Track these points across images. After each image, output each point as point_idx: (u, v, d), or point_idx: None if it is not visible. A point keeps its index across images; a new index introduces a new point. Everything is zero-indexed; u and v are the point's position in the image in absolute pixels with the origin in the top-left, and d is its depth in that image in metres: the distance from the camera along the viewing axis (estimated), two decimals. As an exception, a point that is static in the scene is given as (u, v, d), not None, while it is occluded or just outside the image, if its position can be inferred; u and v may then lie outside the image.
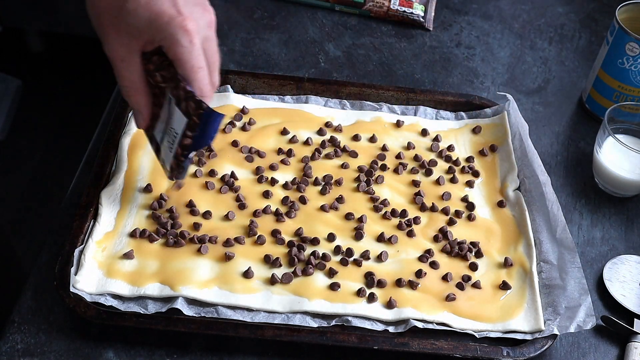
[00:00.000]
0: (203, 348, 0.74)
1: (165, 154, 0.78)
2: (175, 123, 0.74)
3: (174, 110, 0.74)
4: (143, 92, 0.76)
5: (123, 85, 0.76)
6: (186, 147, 0.75)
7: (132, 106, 0.78)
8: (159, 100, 0.76)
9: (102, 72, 2.06)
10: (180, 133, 0.74)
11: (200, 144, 0.75)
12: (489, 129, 0.96)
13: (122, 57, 0.74)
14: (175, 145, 0.76)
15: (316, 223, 0.84)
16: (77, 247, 0.77)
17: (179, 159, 0.76)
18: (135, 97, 0.76)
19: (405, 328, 0.75)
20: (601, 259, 0.86)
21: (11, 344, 0.72)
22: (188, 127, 0.73)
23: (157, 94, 0.76)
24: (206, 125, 0.72)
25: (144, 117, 0.78)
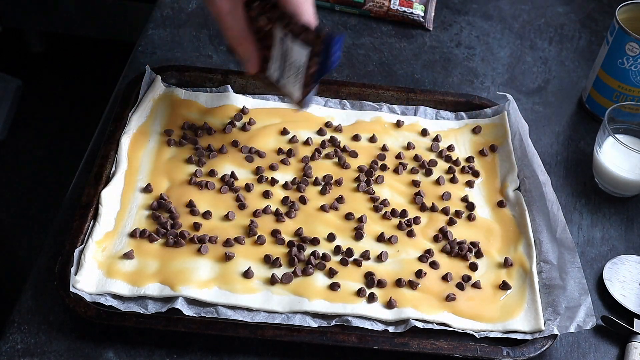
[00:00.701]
0: (203, 348, 0.74)
1: (290, 87, 0.84)
2: (295, 55, 0.80)
3: (292, 45, 0.80)
4: (250, 39, 0.82)
5: (231, 36, 0.82)
6: (313, 74, 0.80)
7: (240, 55, 0.84)
8: (266, 43, 0.83)
9: (102, 72, 2.06)
10: (305, 62, 0.80)
11: (327, 67, 0.79)
12: (489, 129, 0.96)
13: (227, 10, 0.80)
14: (301, 76, 0.81)
15: (316, 223, 0.84)
16: (77, 247, 0.77)
17: (308, 86, 0.82)
18: (243, 45, 0.83)
19: (405, 328, 0.75)
20: (601, 259, 0.86)
21: (11, 344, 0.72)
22: (312, 56, 0.79)
23: (262, 37, 0.83)
24: (329, 48, 0.77)
25: (253, 63, 0.84)
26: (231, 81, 0.98)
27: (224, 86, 0.97)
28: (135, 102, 0.94)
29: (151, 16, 1.11)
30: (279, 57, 0.82)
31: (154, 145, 0.90)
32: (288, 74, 0.83)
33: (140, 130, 0.91)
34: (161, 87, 0.96)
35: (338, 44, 0.77)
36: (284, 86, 0.85)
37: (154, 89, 0.95)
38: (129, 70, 1.01)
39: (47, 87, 2.20)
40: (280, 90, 0.86)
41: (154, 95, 0.95)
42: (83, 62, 2.27)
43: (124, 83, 0.98)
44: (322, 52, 0.78)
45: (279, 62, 0.83)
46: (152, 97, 0.94)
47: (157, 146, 0.90)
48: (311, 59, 0.79)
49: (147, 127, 0.92)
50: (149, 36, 1.07)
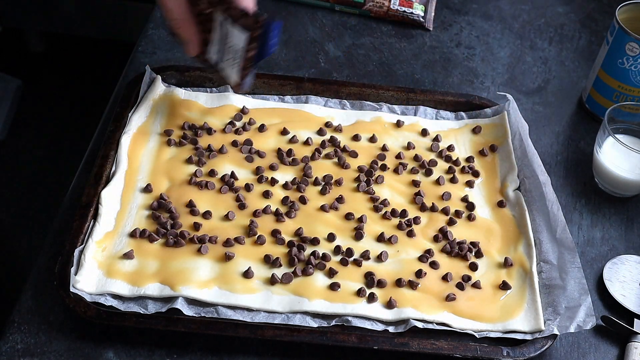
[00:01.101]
0: (203, 348, 0.74)
1: (229, 70, 0.85)
2: (234, 39, 0.82)
3: (232, 29, 0.81)
4: (191, 21, 0.84)
5: (171, 19, 0.84)
6: (251, 58, 0.82)
7: (181, 38, 0.86)
8: (206, 26, 0.84)
9: (102, 72, 2.06)
10: (243, 47, 0.81)
11: (264, 52, 0.81)
12: (489, 129, 0.96)
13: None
14: (238, 60, 0.83)
15: (316, 223, 0.84)
16: (77, 247, 0.77)
17: (245, 70, 0.83)
18: (184, 28, 0.84)
19: (405, 328, 0.75)
20: (601, 259, 0.86)
21: (11, 344, 0.72)
22: (250, 40, 0.80)
23: (203, 20, 0.84)
24: (267, 33, 0.79)
25: (193, 45, 0.86)
26: (231, 81, 0.98)
27: (224, 86, 0.97)
28: (135, 102, 0.94)
29: (151, 16, 1.11)
30: (218, 40, 0.84)
31: (154, 145, 0.90)
32: (227, 57, 0.85)
33: (140, 130, 0.91)
34: (161, 87, 0.96)
35: (276, 30, 0.79)
36: (223, 69, 0.86)
37: (154, 89, 0.95)
38: (129, 70, 1.01)
39: (47, 87, 2.20)
40: (219, 73, 0.88)
41: (154, 95, 0.95)
42: (83, 62, 2.27)
43: (124, 83, 0.98)
44: (260, 37, 0.79)
45: (219, 45, 0.85)
46: (152, 97, 0.94)
47: (157, 146, 0.90)
48: (249, 44, 0.80)
49: (147, 127, 0.92)
50: (149, 36, 1.07)
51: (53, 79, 2.23)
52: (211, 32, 0.85)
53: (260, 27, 0.79)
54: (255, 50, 0.81)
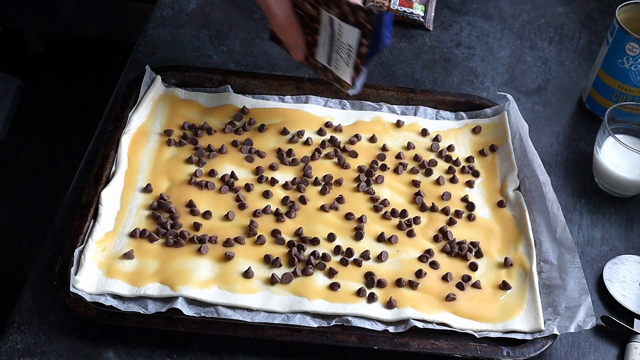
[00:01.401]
0: (203, 348, 0.74)
1: (341, 70, 0.83)
2: (345, 37, 0.80)
3: (342, 27, 0.79)
4: (296, 25, 0.83)
5: (277, 24, 0.83)
6: (364, 55, 0.80)
7: (287, 42, 0.85)
8: (312, 27, 0.83)
9: (102, 72, 2.06)
10: (355, 44, 0.79)
11: (377, 47, 0.79)
12: (489, 129, 0.96)
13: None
14: (352, 57, 0.81)
15: (316, 223, 0.84)
16: (77, 247, 0.77)
17: (358, 68, 0.81)
18: (290, 32, 0.83)
19: (405, 328, 0.75)
20: (601, 259, 0.86)
21: (11, 344, 0.72)
22: (362, 36, 0.78)
23: (308, 23, 0.83)
24: (380, 28, 0.77)
25: (301, 48, 0.84)
26: (231, 81, 0.98)
27: (224, 86, 0.97)
28: (135, 102, 0.94)
29: (151, 16, 1.11)
30: (326, 41, 0.83)
31: (154, 145, 0.90)
32: (337, 58, 0.83)
33: (140, 130, 0.91)
34: (161, 87, 0.96)
35: (388, 22, 0.77)
36: (334, 70, 0.85)
37: (154, 89, 0.95)
38: (129, 70, 1.01)
39: (47, 87, 2.20)
40: (329, 75, 0.86)
41: (154, 95, 0.95)
42: (83, 62, 2.27)
43: (124, 83, 0.98)
44: (373, 31, 0.77)
45: (327, 46, 0.83)
46: (152, 97, 0.94)
47: (157, 146, 0.90)
48: (362, 40, 0.78)
49: (147, 127, 0.92)
50: (149, 36, 1.07)
51: (53, 79, 2.23)
52: (318, 33, 0.83)
53: (372, 22, 0.77)
54: (367, 46, 0.79)
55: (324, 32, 0.82)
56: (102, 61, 2.20)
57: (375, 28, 0.77)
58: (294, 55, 0.86)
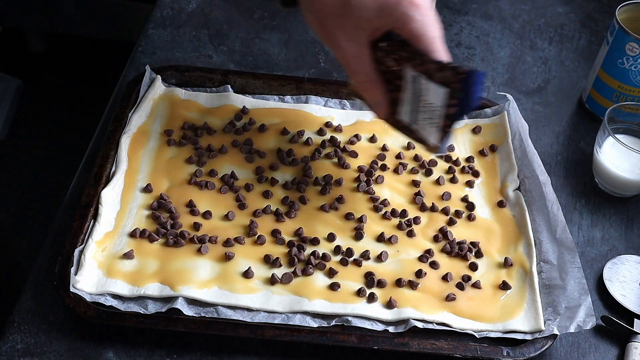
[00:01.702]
0: (203, 348, 0.74)
1: (426, 130, 0.77)
2: (431, 96, 0.73)
3: (427, 86, 0.73)
4: (378, 82, 0.77)
5: (358, 81, 0.77)
6: (452, 116, 0.73)
7: (369, 100, 0.79)
8: (394, 84, 0.77)
9: (102, 72, 2.06)
10: (443, 104, 0.73)
11: (467, 107, 0.72)
12: (489, 129, 0.96)
13: (354, 53, 0.74)
14: (436, 118, 0.74)
15: (316, 223, 0.84)
16: (77, 247, 0.77)
17: (445, 129, 0.75)
18: (371, 89, 0.77)
19: (405, 328, 0.75)
20: (601, 259, 0.86)
21: (11, 344, 0.72)
22: (450, 96, 0.72)
23: (391, 79, 0.77)
24: (470, 87, 0.70)
25: (383, 106, 0.78)
26: (231, 81, 0.98)
27: (224, 86, 0.97)
28: (135, 102, 0.94)
29: (151, 16, 1.11)
30: (410, 99, 0.76)
31: (154, 145, 0.90)
32: (422, 117, 0.76)
33: (140, 130, 0.91)
34: (161, 87, 0.96)
35: (480, 81, 0.70)
36: (418, 130, 0.78)
37: (154, 89, 0.95)
38: (129, 70, 1.01)
39: (47, 87, 2.20)
40: (413, 135, 0.80)
41: (154, 95, 0.95)
42: (83, 62, 2.27)
43: (124, 83, 0.98)
44: (462, 90, 0.71)
45: (411, 104, 0.76)
46: (152, 97, 0.94)
47: (157, 146, 0.90)
48: (450, 100, 0.72)
49: (147, 127, 0.92)
50: (149, 36, 1.07)
51: (53, 79, 2.23)
52: (401, 90, 0.76)
53: (461, 81, 0.70)
54: (456, 106, 0.72)
55: (408, 89, 0.76)
56: (102, 61, 2.20)
57: (464, 87, 0.70)
58: (376, 113, 0.80)
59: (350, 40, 0.73)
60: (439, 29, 0.73)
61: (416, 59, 0.73)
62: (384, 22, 0.72)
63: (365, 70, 0.75)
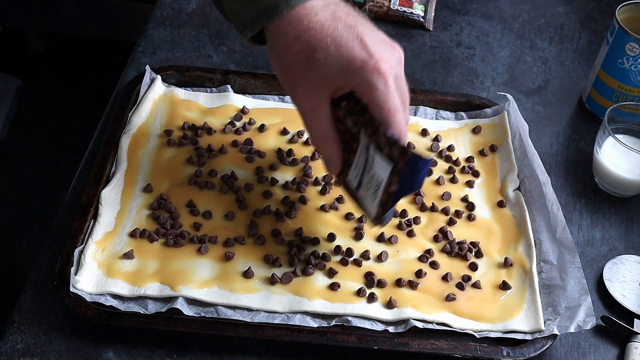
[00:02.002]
0: (203, 348, 0.74)
1: (367, 201, 0.75)
2: (377, 168, 0.72)
3: (375, 156, 0.71)
4: (334, 139, 0.74)
5: (313, 134, 0.75)
6: (392, 194, 0.71)
7: (323, 155, 0.77)
8: (350, 146, 0.75)
9: (102, 72, 2.06)
10: (386, 179, 0.71)
11: (408, 189, 0.71)
12: (489, 129, 0.96)
13: (311, 107, 0.72)
14: (380, 192, 0.72)
15: (316, 223, 0.84)
16: (77, 247, 0.77)
17: (384, 206, 0.73)
18: (325, 146, 0.75)
19: (405, 328, 0.75)
20: (601, 259, 0.86)
21: (11, 344, 0.72)
22: (394, 173, 0.70)
23: (348, 139, 0.74)
24: (414, 171, 0.69)
25: (335, 165, 0.76)
26: (231, 81, 0.98)
27: (224, 86, 0.97)
28: (135, 102, 0.94)
29: (151, 16, 1.11)
30: (361, 165, 0.74)
31: (154, 145, 0.90)
32: (367, 187, 0.74)
33: (140, 130, 0.91)
34: (161, 87, 0.96)
35: (425, 167, 0.69)
36: (361, 198, 0.76)
37: (154, 89, 0.95)
38: (129, 70, 1.01)
39: (47, 87, 2.20)
40: (357, 202, 0.78)
41: (154, 95, 0.95)
42: (83, 62, 2.27)
43: (124, 83, 0.98)
44: (406, 172, 0.69)
45: (361, 170, 0.75)
46: (152, 97, 0.94)
47: (157, 146, 0.90)
48: (392, 177, 0.70)
49: (147, 127, 0.92)
50: (149, 36, 1.07)
51: (53, 79, 2.23)
52: (354, 154, 0.75)
53: (406, 161, 0.68)
54: (397, 184, 0.70)
55: (360, 155, 0.74)
56: (102, 61, 2.20)
57: (407, 169, 0.69)
58: (327, 169, 0.78)
59: (310, 93, 0.71)
60: (404, 99, 0.71)
61: (371, 127, 0.71)
62: (346, 83, 0.70)
63: (321, 125, 0.73)
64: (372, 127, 0.71)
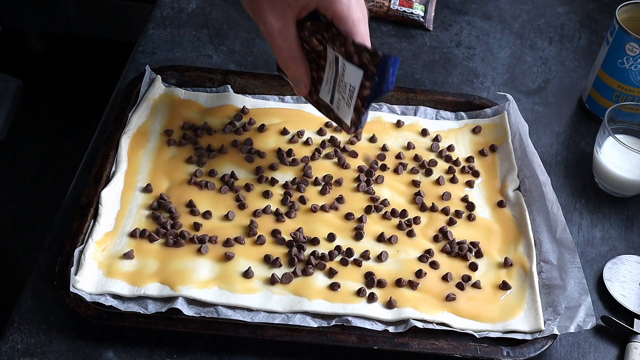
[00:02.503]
0: (203, 348, 0.74)
1: (342, 110, 0.80)
2: (348, 77, 0.76)
3: (345, 66, 0.76)
4: (301, 59, 0.79)
5: (282, 57, 0.79)
6: (366, 98, 0.77)
7: (291, 77, 0.82)
8: (317, 64, 0.80)
9: (102, 72, 2.06)
10: (358, 85, 0.76)
11: (380, 91, 0.76)
12: (489, 129, 0.96)
13: (279, 29, 0.77)
14: (354, 99, 0.77)
15: (316, 223, 0.84)
16: (77, 247, 0.77)
17: (359, 110, 0.78)
18: (294, 66, 0.80)
19: (405, 328, 0.75)
20: (601, 259, 0.86)
21: (11, 344, 0.72)
22: (365, 78, 0.75)
23: (314, 58, 0.80)
24: (385, 71, 0.74)
25: (305, 84, 0.82)
26: (231, 81, 0.98)
27: (224, 86, 0.97)
28: (135, 102, 0.94)
29: (151, 16, 1.11)
30: (331, 79, 0.79)
31: (154, 145, 0.90)
32: (339, 97, 0.79)
33: (140, 130, 0.91)
34: (161, 87, 0.96)
35: (394, 66, 0.74)
36: (335, 110, 0.81)
37: (153, 89, 0.95)
38: (129, 70, 1.01)
39: (47, 87, 2.20)
40: (331, 114, 0.83)
41: (154, 95, 0.95)
42: (83, 62, 2.27)
43: (124, 83, 0.98)
44: (377, 74, 0.74)
45: (331, 84, 0.79)
46: (152, 97, 0.94)
47: (157, 146, 0.90)
48: (364, 82, 0.75)
49: (147, 127, 0.92)
50: (149, 36, 1.07)
51: (53, 79, 2.23)
52: (323, 70, 0.80)
53: (377, 64, 0.73)
54: (370, 89, 0.75)
55: (329, 69, 0.79)
56: (102, 61, 2.20)
57: (379, 71, 0.74)
58: (297, 90, 0.83)
59: (277, 15, 0.76)
60: (363, 12, 0.76)
61: (338, 40, 0.76)
62: (310, 0, 0.74)
63: (289, 47, 0.78)
64: (338, 40, 0.76)
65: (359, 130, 0.81)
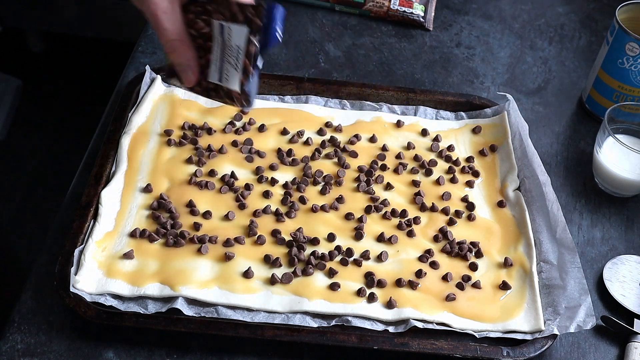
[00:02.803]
0: (203, 348, 0.74)
1: (231, 78, 0.76)
2: (235, 39, 0.73)
3: (231, 29, 0.73)
4: (188, 43, 0.75)
5: (168, 39, 0.75)
6: (252, 55, 0.73)
7: (178, 62, 0.76)
8: (204, 48, 0.76)
9: (102, 72, 2.06)
10: (244, 43, 0.73)
11: (267, 43, 0.72)
12: (489, 129, 0.96)
13: (164, 9, 0.74)
14: (241, 60, 0.74)
15: (316, 223, 0.84)
16: (77, 247, 0.77)
17: (247, 70, 0.74)
18: (182, 49, 0.75)
19: (405, 328, 0.75)
20: (601, 259, 0.86)
21: (11, 344, 0.72)
22: (251, 33, 0.72)
23: (201, 44, 0.76)
24: (270, 21, 0.71)
25: (193, 70, 0.77)
26: (231, 81, 0.98)
27: (224, 86, 0.97)
28: (135, 102, 0.94)
29: (151, 16, 1.11)
30: (218, 54, 0.75)
31: (154, 145, 0.90)
32: (227, 67, 0.75)
33: (140, 130, 0.91)
34: (161, 87, 0.96)
35: (278, 16, 0.71)
36: (224, 84, 0.77)
37: (154, 89, 0.95)
38: (129, 70, 1.01)
39: (47, 87, 2.20)
40: (221, 93, 0.78)
41: (154, 96, 0.95)
42: (83, 62, 2.27)
43: (124, 83, 0.98)
44: (261, 28, 0.71)
45: (219, 60, 0.76)
46: (152, 97, 0.94)
47: (157, 146, 0.90)
48: (250, 39, 0.72)
49: (147, 127, 0.92)
50: (149, 36, 1.07)
51: (53, 79, 2.23)
52: (211, 51, 0.76)
53: (261, 15, 0.71)
54: (256, 45, 0.72)
55: (216, 45, 0.75)
56: (102, 61, 2.20)
57: (264, 22, 0.71)
58: (185, 79, 0.77)
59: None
60: None
61: (222, 7, 0.73)
62: None
63: (176, 28, 0.74)
64: (222, 6, 0.73)
65: (250, 100, 0.76)
